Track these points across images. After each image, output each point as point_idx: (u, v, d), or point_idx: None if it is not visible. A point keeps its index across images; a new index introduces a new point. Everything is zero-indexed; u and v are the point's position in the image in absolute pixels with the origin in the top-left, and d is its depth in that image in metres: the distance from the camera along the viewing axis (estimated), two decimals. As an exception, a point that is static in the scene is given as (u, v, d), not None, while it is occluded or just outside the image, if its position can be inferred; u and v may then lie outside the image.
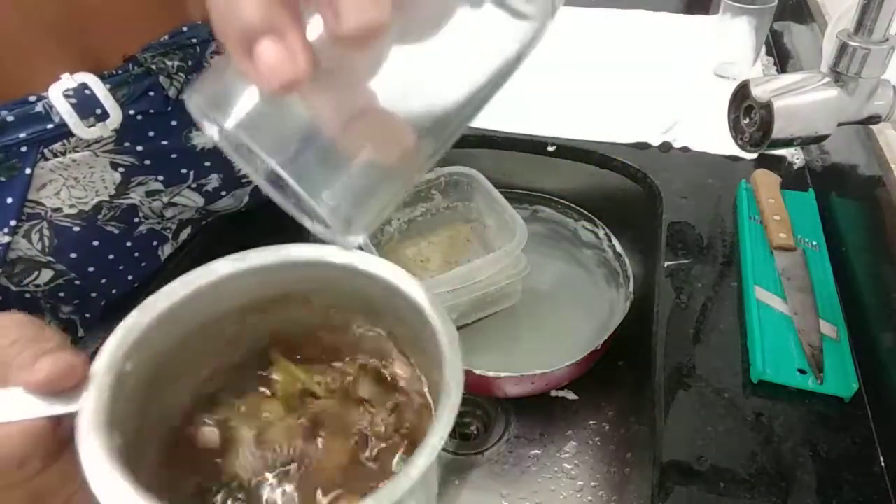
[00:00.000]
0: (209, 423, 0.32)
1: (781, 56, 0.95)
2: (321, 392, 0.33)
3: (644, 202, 0.73)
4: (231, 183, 0.61)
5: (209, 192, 0.59)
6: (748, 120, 0.49)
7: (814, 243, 0.61)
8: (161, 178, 0.55)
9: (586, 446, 0.63)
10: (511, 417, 0.66)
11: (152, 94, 0.51)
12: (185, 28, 0.52)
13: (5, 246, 0.48)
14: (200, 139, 0.56)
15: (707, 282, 0.59)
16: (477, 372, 0.59)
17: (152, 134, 0.52)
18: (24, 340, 0.27)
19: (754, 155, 0.74)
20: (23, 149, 0.46)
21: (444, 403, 0.26)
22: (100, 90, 0.47)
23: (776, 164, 0.73)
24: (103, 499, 0.24)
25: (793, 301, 0.55)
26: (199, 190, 0.58)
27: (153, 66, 0.50)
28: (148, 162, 0.53)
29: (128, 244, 0.56)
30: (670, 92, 0.86)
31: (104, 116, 0.48)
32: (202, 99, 0.22)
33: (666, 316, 0.56)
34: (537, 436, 0.64)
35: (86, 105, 0.47)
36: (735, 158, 0.74)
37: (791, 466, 0.45)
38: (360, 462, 0.31)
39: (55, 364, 0.26)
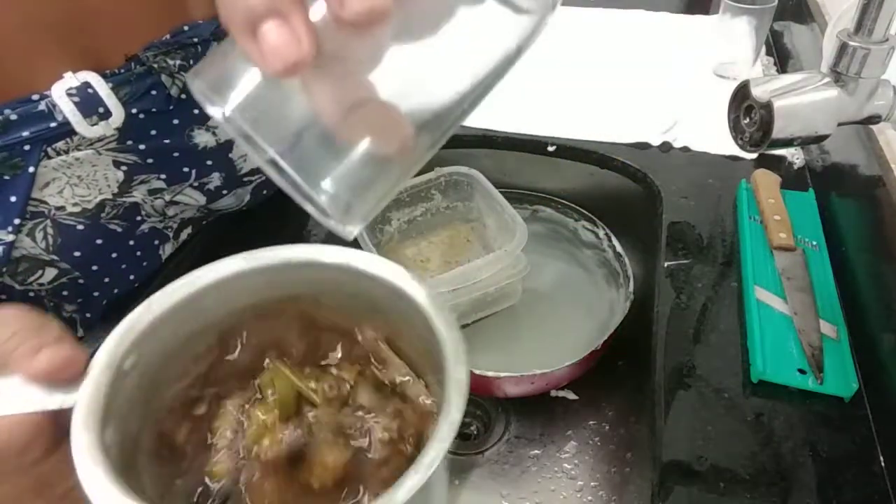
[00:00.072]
0: (205, 426, 0.32)
1: (781, 56, 0.95)
2: (318, 399, 0.33)
3: (644, 202, 0.73)
4: (232, 182, 0.61)
5: (211, 191, 0.59)
6: (748, 120, 0.49)
7: (814, 243, 0.61)
8: (163, 177, 0.55)
9: (586, 446, 0.63)
10: (511, 417, 0.66)
11: (154, 93, 0.51)
12: (187, 27, 0.52)
13: (9, 244, 0.48)
14: (202, 138, 0.56)
15: (707, 282, 0.59)
16: (477, 372, 0.59)
17: (154, 132, 0.52)
18: (25, 332, 0.27)
19: (754, 155, 0.74)
20: (26, 147, 0.46)
21: (444, 419, 0.26)
22: (102, 89, 0.47)
23: (776, 164, 0.73)
24: (90, 494, 0.24)
25: (793, 301, 0.55)
26: (201, 188, 0.58)
27: (155, 65, 0.50)
28: (150, 160, 0.53)
29: (130, 243, 0.56)
30: (670, 92, 0.86)
31: (107, 115, 0.48)
32: (205, 82, 0.22)
33: (666, 316, 0.56)
34: (537, 436, 0.64)
35: (88, 104, 0.47)
36: (735, 158, 0.74)
37: (791, 466, 0.45)
38: (357, 471, 0.31)
39: (56, 355, 0.27)
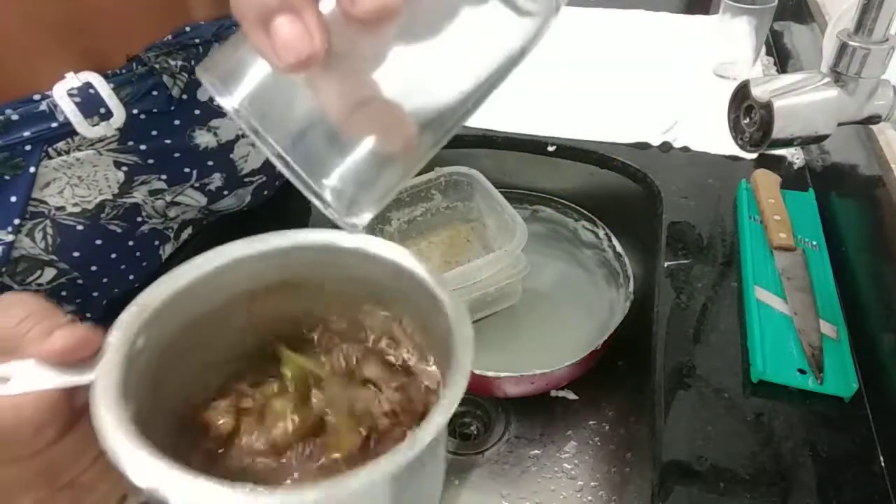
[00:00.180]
0: (218, 408, 0.32)
1: (781, 56, 0.95)
2: (326, 374, 0.33)
3: (644, 202, 0.73)
4: (233, 182, 0.61)
5: (212, 192, 0.59)
6: (748, 120, 0.49)
7: (814, 243, 0.61)
8: (164, 178, 0.55)
9: (586, 446, 0.63)
10: (511, 417, 0.66)
11: (156, 94, 0.51)
12: (188, 28, 0.52)
13: (9, 244, 0.48)
14: (203, 138, 0.56)
15: (707, 282, 0.59)
16: (477, 372, 0.59)
17: (155, 133, 0.52)
18: (37, 315, 0.27)
19: (754, 155, 0.74)
20: (27, 147, 0.46)
21: (454, 377, 0.27)
22: (104, 89, 0.47)
23: (776, 164, 0.73)
24: (121, 459, 0.24)
25: (793, 301, 0.55)
26: (202, 189, 0.58)
27: (156, 66, 0.50)
28: (151, 161, 0.53)
29: (130, 243, 0.56)
30: (670, 92, 0.86)
31: (108, 115, 0.48)
32: (214, 74, 0.22)
33: (666, 316, 0.56)
34: (537, 436, 0.64)
35: (90, 104, 0.47)
36: (735, 158, 0.74)
37: (791, 466, 0.45)
38: (370, 446, 0.32)
39: (70, 335, 0.27)
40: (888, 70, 0.46)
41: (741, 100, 0.50)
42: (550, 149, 0.79)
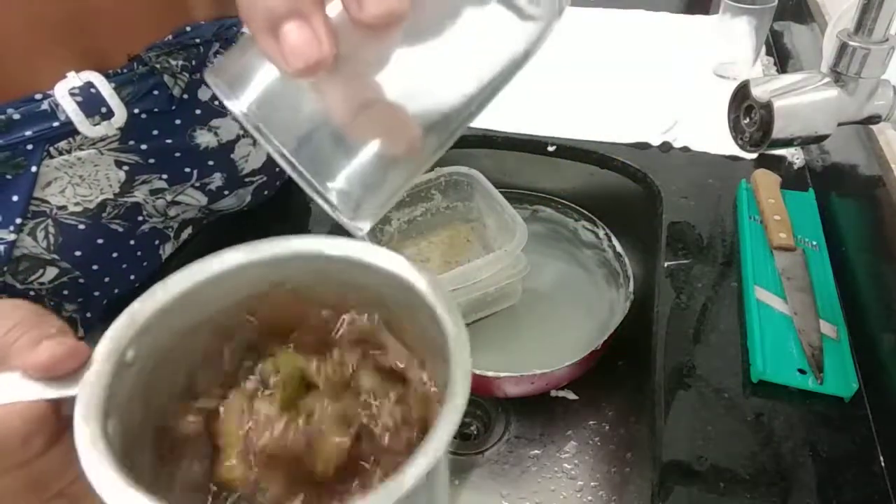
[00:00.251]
0: (208, 420, 0.32)
1: (781, 56, 0.95)
2: (321, 382, 0.33)
3: (644, 202, 0.73)
4: (234, 182, 0.61)
5: (212, 191, 0.59)
6: (748, 120, 0.49)
7: (814, 243, 0.61)
8: (165, 177, 0.55)
9: (586, 446, 0.63)
10: (511, 417, 0.66)
11: (156, 93, 0.51)
12: (189, 28, 0.52)
13: (11, 244, 0.48)
14: (204, 138, 0.56)
15: (707, 282, 0.60)
16: (477, 372, 0.59)
17: (156, 132, 0.52)
18: (25, 324, 0.27)
19: (754, 155, 0.74)
20: (29, 146, 0.46)
21: (450, 405, 0.26)
22: (105, 89, 0.48)
23: (776, 164, 0.73)
24: (94, 483, 0.23)
25: (793, 301, 0.55)
26: (203, 189, 0.58)
27: (157, 66, 0.50)
28: (152, 160, 0.53)
29: (131, 243, 0.56)
30: (670, 92, 0.86)
31: (109, 115, 0.48)
32: (222, 79, 0.23)
33: (666, 316, 0.56)
34: (537, 436, 0.64)
35: (91, 103, 0.47)
36: (735, 158, 0.74)
37: (791, 466, 0.45)
38: (362, 456, 0.31)
39: (56, 347, 0.26)
40: (888, 70, 0.46)
41: (741, 100, 0.50)
42: (550, 149, 0.79)
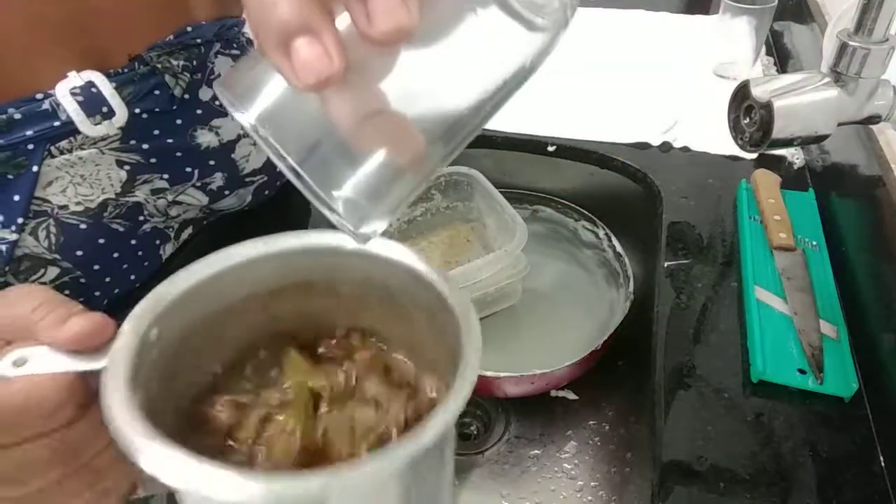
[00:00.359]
0: (225, 405, 0.32)
1: (781, 56, 0.96)
2: (327, 395, 0.33)
3: (644, 202, 0.73)
4: (235, 182, 0.61)
5: (213, 191, 0.59)
6: (748, 120, 0.49)
7: (814, 243, 0.61)
8: (166, 177, 0.55)
9: (586, 446, 0.63)
10: (511, 417, 0.66)
11: (158, 93, 0.51)
12: (190, 28, 0.52)
13: (12, 243, 0.48)
14: (205, 138, 0.56)
15: (707, 282, 0.60)
16: (477, 371, 0.59)
17: (157, 132, 0.52)
18: (50, 304, 0.28)
19: (754, 155, 0.74)
20: (30, 146, 0.46)
21: (463, 371, 0.27)
22: (106, 88, 0.48)
23: (776, 164, 0.73)
24: (127, 441, 0.24)
25: (793, 301, 0.55)
26: (204, 189, 0.59)
27: (158, 66, 0.50)
28: (153, 160, 0.53)
29: (132, 242, 0.56)
30: (670, 92, 0.86)
31: (110, 114, 0.48)
32: (231, 91, 0.23)
33: (666, 316, 0.56)
34: (537, 436, 0.64)
35: (92, 103, 0.47)
36: (735, 158, 0.74)
37: (791, 466, 0.45)
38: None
39: (85, 322, 0.27)
40: (888, 70, 0.46)
41: (741, 100, 0.50)
42: (550, 149, 0.79)
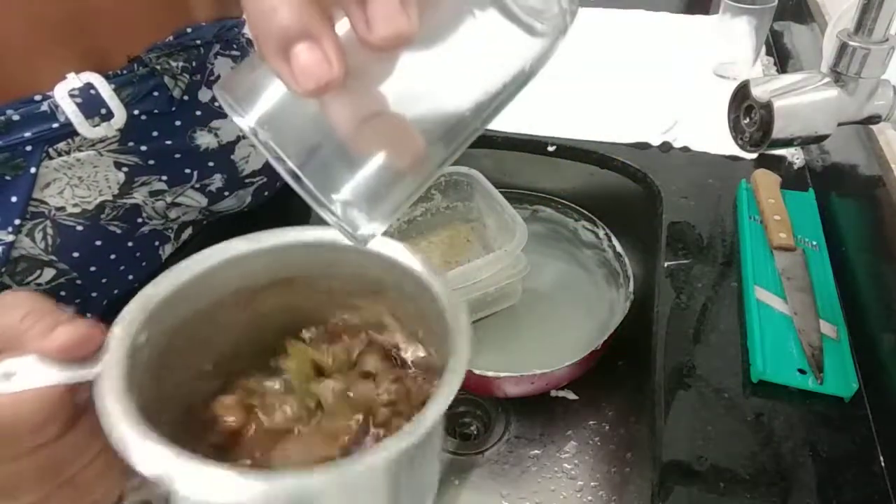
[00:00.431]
0: (225, 403, 0.33)
1: (781, 56, 0.95)
2: (329, 366, 0.34)
3: (644, 202, 0.73)
4: (234, 183, 0.61)
5: (212, 193, 0.59)
6: (748, 120, 0.49)
7: (814, 243, 0.61)
8: (165, 179, 0.55)
9: (586, 446, 0.63)
10: (511, 417, 0.66)
11: (156, 95, 0.51)
12: (189, 29, 0.52)
13: (9, 245, 0.48)
14: (204, 139, 0.56)
15: (707, 282, 0.60)
16: (477, 372, 0.59)
17: (156, 134, 0.52)
18: (39, 311, 0.27)
19: (754, 155, 0.74)
20: (28, 148, 0.46)
21: (452, 365, 0.27)
22: (105, 90, 0.48)
23: (776, 164, 0.73)
24: (129, 448, 0.24)
25: (793, 301, 0.55)
26: (203, 190, 0.58)
27: (158, 67, 0.50)
28: (152, 162, 0.53)
29: (129, 244, 0.56)
30: (670, 92, 0.86)
31: (109, 116, 0.48)
32: (231, 94, 0.23)
33: (666, 316, 0.56)
34: (537, 436, 0.64)
35: (91, 105, 0.47)
36: (735, 158, 0.74)
37: (791, 466, 0.45)
38: (377, 437, 0.32)
39: (73, 331, 0.27)
40: (888, 70, 0.46)
41: (741, 100, 0.50)
42: (550, 149, 0.79)
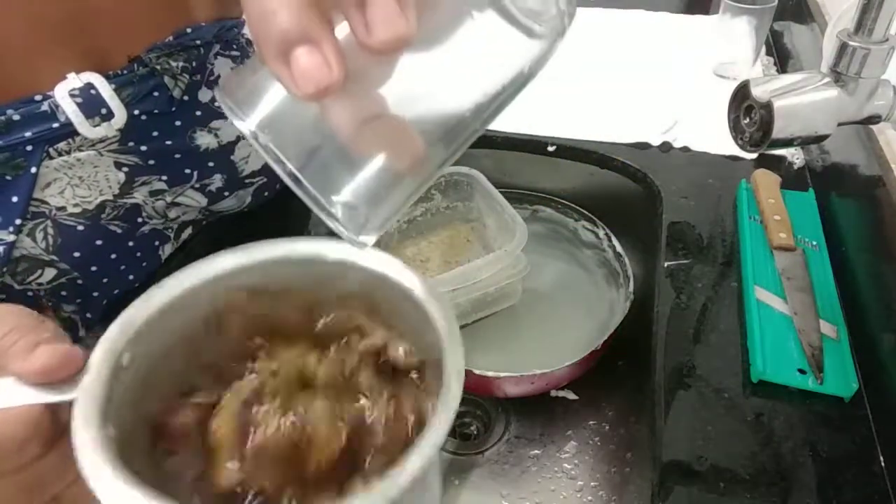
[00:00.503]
0: (204, 420, 0.32)
1: (781, 56, 0.95)
2: (320, 378, 0.33)
3: (644, 202, 0.73)
4: (234, 183, 0.61)
5: (212, 193, 0.59)
6: (748, 120, 0.49)
7: (814, 243, 0.61)
8: (165, 178, 0.55)
9: (586, 446, 0.63)
10: (511, 417, 0.66)
11: (157, 95, 0.51)
12: (189, 29, 0.52)
13: (10, 244, 0.48)
14: (204, 139, 0.56)
15: (707, 282, 0.60)
16: (477, 372, 0.59)
17: (156, 134, 0.52)
18: (20, 329, 0.27)
19: (754, 155, 0.74)
20: (28, 147, 0.46)
21: (443, 402, 0.26)
22: (105, 90, 0.48)
23: (776, 164, 0.73)
24: (97, 489, 0.24)
25: (793, 301, 0.55)
26: (203, 190, 0.59)
27: (158, 67, 0.50)
28: (152, 162, 0.53)
29: (130, 244, 0.56)
30: (670, 92, 0.86)
31: (109, 116, 0.48)
32: (231, 97, 0.23)
33: (666, 316, 0.56)
34: (537, 436, 0.64)
35: (91, 104, 0.47)
36: (735, 158, 0.74)
37: (791, 466, 0.45)
38: (358, 453, 0.31)
39: (52, 353, 0.26)
40: (888, 70, 0.46)
41: (741, 100, 0.50)
42: (550, 149, 0.79)
